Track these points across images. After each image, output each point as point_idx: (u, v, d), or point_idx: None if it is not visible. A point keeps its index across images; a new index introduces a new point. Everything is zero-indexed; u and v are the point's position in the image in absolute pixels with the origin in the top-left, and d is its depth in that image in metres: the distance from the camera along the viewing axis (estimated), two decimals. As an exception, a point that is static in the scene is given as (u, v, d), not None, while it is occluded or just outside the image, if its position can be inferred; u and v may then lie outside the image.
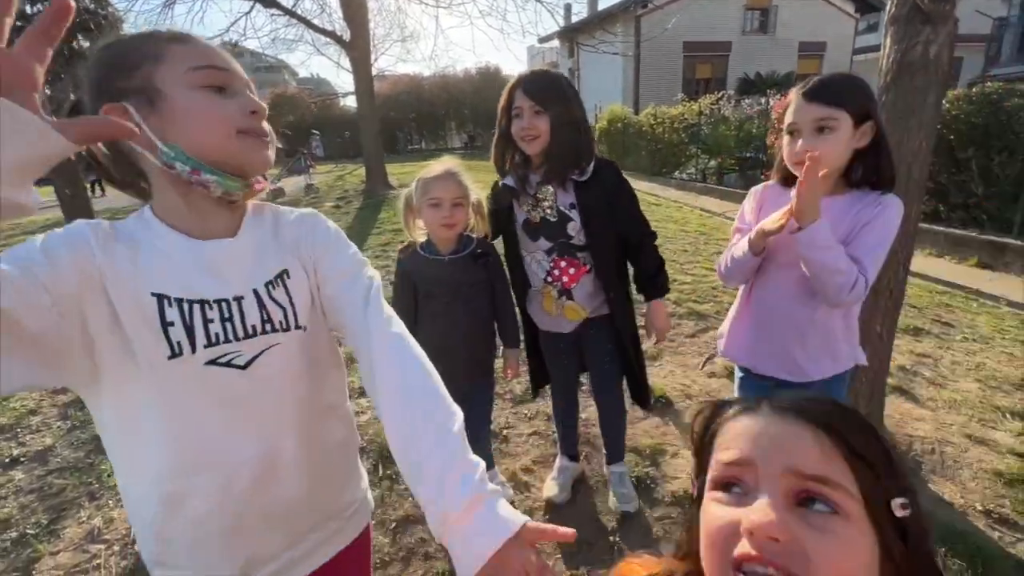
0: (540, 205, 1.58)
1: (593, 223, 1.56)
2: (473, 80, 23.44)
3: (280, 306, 0.74)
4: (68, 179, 4.12)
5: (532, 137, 1.48)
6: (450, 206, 1.54)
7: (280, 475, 0.75)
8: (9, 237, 7.86)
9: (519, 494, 2.00)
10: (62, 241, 0.61)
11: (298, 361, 0.76)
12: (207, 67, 0.66)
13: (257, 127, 0.69)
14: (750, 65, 16.37)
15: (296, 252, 0.78)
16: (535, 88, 1.47)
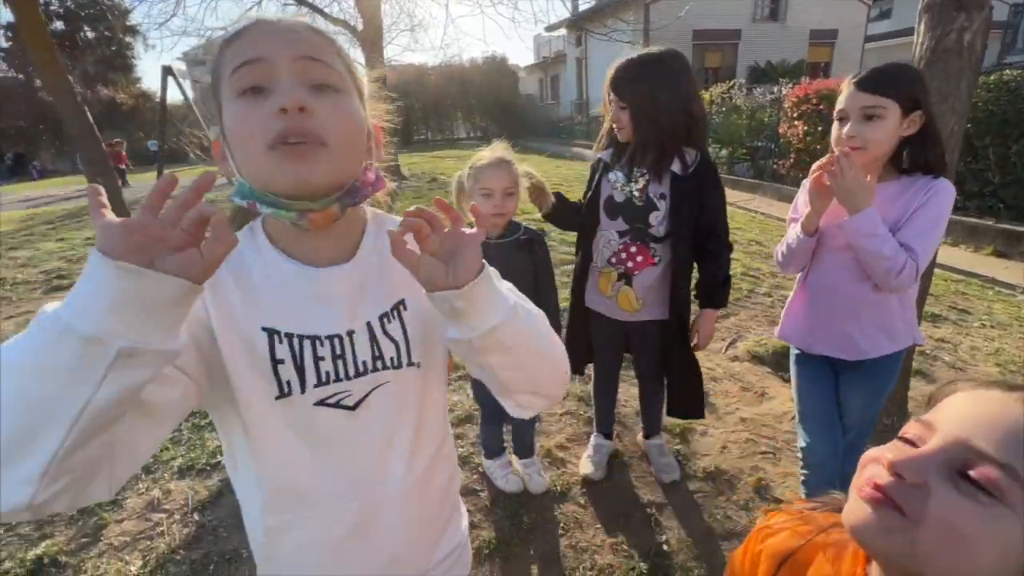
0: (630, 185, 1.60)
1: (677, 220, 1.57)
2: (480, 69, 23.33)
3: (393, 341, 0.66)
4: (99, 170, 4.19)
5: (619, 128, 1.56)
6: (501, 196, 1.56)
7: (381, 522, 0.69)
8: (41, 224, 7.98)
9: (556, 470, 2.09)
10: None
11: (407, 400, 0.69)
12: (243, 65, 0.54)
13: (293, 130, 0.53)
14: (760, 53, 16.22)
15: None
16: (616, 80, 1.51)
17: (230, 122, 0.56)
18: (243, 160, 0.56)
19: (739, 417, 2.41)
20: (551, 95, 26.10)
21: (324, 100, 0.56)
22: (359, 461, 0.67)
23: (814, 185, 1.29)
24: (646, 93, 1.46)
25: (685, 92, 1.49)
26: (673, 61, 1.49)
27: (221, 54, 0.57)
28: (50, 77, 4.03)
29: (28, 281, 4.92)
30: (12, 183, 17.59)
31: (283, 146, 0.53)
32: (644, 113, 1.48)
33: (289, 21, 0.58)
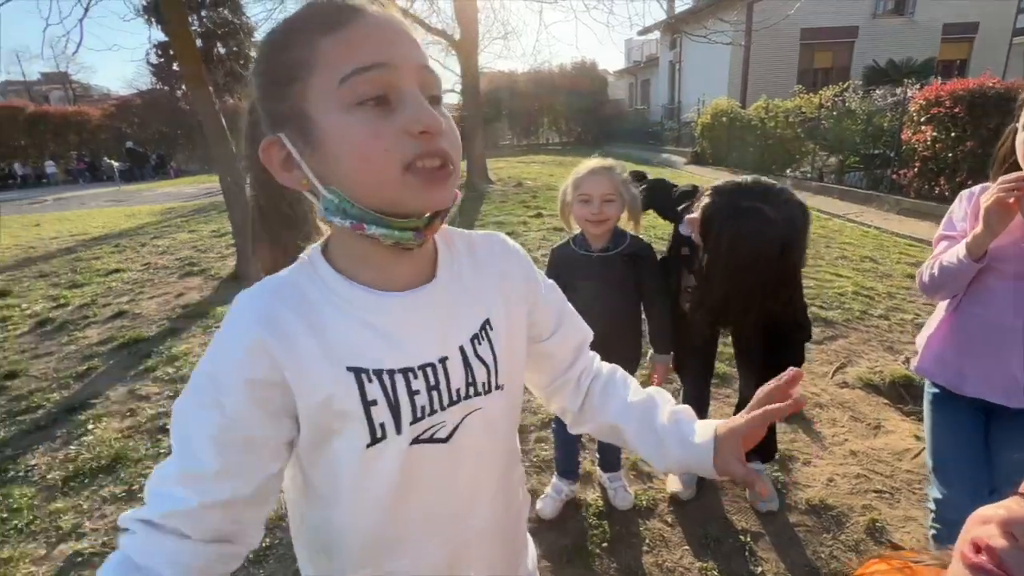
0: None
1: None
2: (568, 75, 23.32)
3: (484, 365, 0.61)
4: (228, 170, 4.70)
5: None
6: (600, 202, 1.52)
7: (469, 562, 0.65)
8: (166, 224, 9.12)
9: (641, 484, 2.03)
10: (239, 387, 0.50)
11: (496, 426, 0.64)
12: (358, 71, 0.46)
13: (430, 151, 0.49)
14: (880, 52, 14.74)
15: (504, 293, 0.64)
16: None
17: (340, 131, 0.47)
18: (360, 176, 0.49)
19: (849, 450, 2.19)
20: (641, 100, 25.50)
21: (445, 118, 0.51)
22: (451, 498, 0.61)
23: (996, 204, 1.07)
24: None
25: None
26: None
27: (310, 43, 0.47)
28: (195, 89, 4.57)
29: (167, 267, 5.63)
30: (156, 180, 20.27)
31: (425, 172, 0.49)
32: None
33: (396, 16, 0.51)
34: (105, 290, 4.88)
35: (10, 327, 4.06)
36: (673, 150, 16.15)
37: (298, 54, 0.48)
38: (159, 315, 4.12)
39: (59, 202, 14.11)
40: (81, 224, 9.26)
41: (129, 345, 3.54)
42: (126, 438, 2.46)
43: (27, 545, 1.86)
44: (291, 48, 0.48)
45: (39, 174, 22.11)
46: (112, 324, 3.99)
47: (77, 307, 4.42)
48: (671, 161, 14.57)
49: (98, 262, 6.00)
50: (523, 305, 0.66)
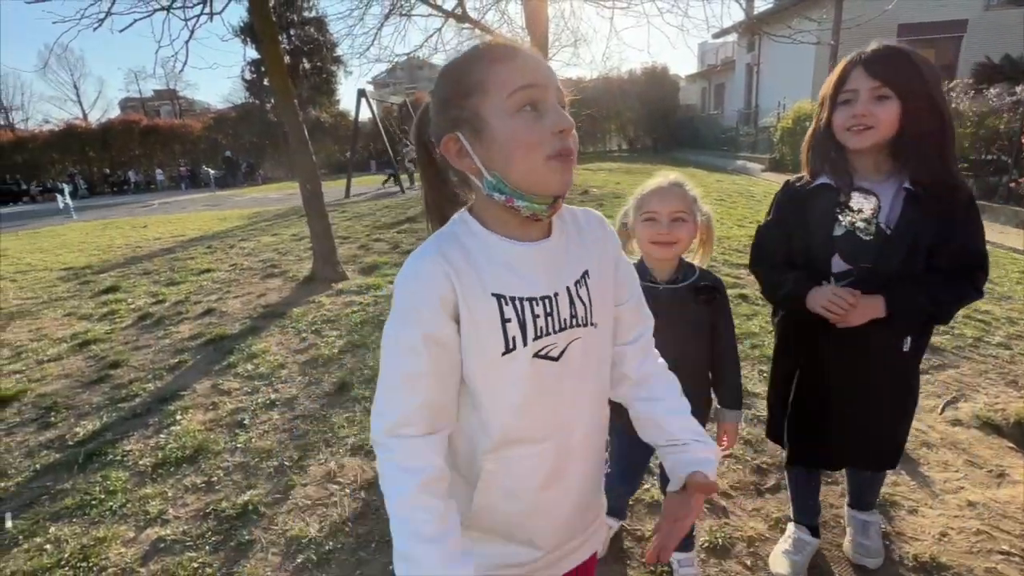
0: (848, 214, 1.31)
1: (915, 252, 1.28)
2: (638, 80, 22.86)
3: (583, 303, 0.78)
4: (308, 177, 4.94)
5: (863, 128, 1.22)
6: (668, 221, 1.32)
7: (570, 469, 0.81)
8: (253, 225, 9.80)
9: (717, 518, 1.86)
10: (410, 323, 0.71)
11: (592, 355, 0.81)
12: (522, 88, 0.67)
13: (566, 147, 0.70)
14: (994, 47, 13.22)
15: (598, 254, 0.83)
16: (881, 64, 1.19)
17: (508, 130, 0.68)
18: (517, 164, 0.69)
19: (966, 500, 1.91)
20: (714, 105, 24.51)
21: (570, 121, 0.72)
22: (560, 408, 0.78)
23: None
24: (922, 82, 1.19)
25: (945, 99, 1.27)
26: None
27: (486, 70, 0.69)
28: (282, 102, 4.86)
29: (251, 268, 6.02)
30: (246, 186, 21.98)
31: (560, 160, 0.69)
32: (919, 107, 1.19)
33: (538, 53, 0.72)
34: (197, 288, 5.29)
35: (117, 319, 4.49)
36: (749, 156, 15.34)
37: (476, 76, 0.69)
38: (242, 314, 4.39)
39: (164, 206, 15.62)
40: (180, 226, 10.17)
41: (215, 341, 3.79)
42: (208, 431, 2.61)
43: (119, 527, 2.00)
44: (471, 73, 0.69)
45: (149, 180, 24.67)
46: (201, 321, 4.30)
47: (173, 303, 4.82)
48: (747, 168, 13.84)
49: (192, 262, 6.54)
50: (611, 267, 0.85)
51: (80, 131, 25.22)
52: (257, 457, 2.37)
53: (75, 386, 3.24)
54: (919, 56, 1.20)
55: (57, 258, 7.55)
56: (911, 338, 1.36)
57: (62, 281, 6.06)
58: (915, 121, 1.19)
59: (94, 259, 7.26)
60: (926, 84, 1.18)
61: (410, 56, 11.70)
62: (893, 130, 1.20)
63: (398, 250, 6.35)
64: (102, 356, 3.67)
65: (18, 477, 2.34)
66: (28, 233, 11.11)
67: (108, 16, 4.81)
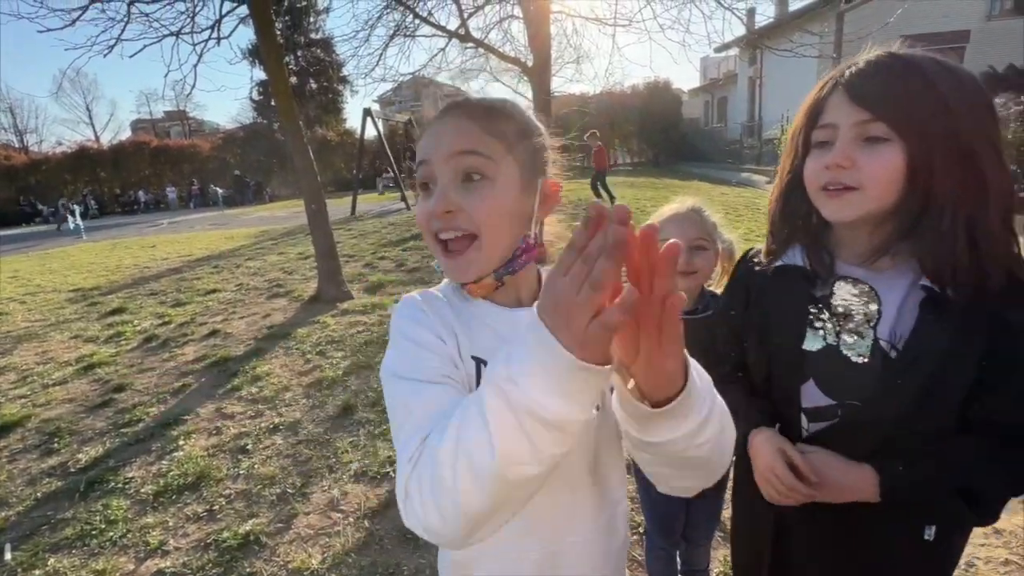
0: (833, 319, 0.81)
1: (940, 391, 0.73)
2: (641, 95, 23.03)
3: None
4: (314, 197, 4.97)
5: (842, 188, 0.74)
6: (688, 250, 1.27)
7: (566, 572, 0.69)
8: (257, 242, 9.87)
9: (731, 548, 1.79)
10: (415, 324, 0.66)
11: (589, 442, 0.69)
12: (417, 165, 0.66)
13: (438, 230, 0.64)
14: (998, 56, 13.23)
15: None
16: (873, 83, 0.72)
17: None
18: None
19: (991, 527, 1.84)
20: (717, 118, 24.62)
21: (473, 194, 0.63)
22: (550, 503, 0.66)
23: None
24: (943, 112, 0.69)
25: (991, 136, 0.72)
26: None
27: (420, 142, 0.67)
28: (287, 123, 4.92)
29: (257, 288, 6.04)
30: (254, 204, 22.22)
31: (440, 242, 0.65)
32: (936, 151, 0.69)
33: (459, 108, 0.66)
34: (203, 309, 5.30)
35: (123, 342, 4.49)
36: (754, 169, 15.34)
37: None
38: (247, 335, 4.39)
39: (172, 225, 15.80)
40: (188, 246, 10.26)
41: (219, 364, 3.77)
42: (211, 456, 2.58)
43: (119, 558, 1.96)
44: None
45: (158, 199, 25.01)
46: (206, 342, 4.29)
47: (178, 325, 4.82)
48: (752, 180, 13.83)
49: (199, 282, 6.57)
50: None
51: (92, 152, 25.68)
52: (259, 484, 2.33)
53: (79, 411, 3.23)
54: (943, 65, 0.71)
55: (66, 279, 7.61)
56: (936, 526, 0.80)
57: (70, 303, 6.09)
58: (932, 177, 0.70)
59: (102, 280, 7.32)
60: (950, 114, 0.68)
61: (415, 75, 11.88)
62: (893, 192, 0.72)
63: (403, 268, 6.35)
64: (107, 379, 3.66)
65: (19, 506, 2.32)
66: (39, 254, 11.25)
67: (118, 42, 4.91)
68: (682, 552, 1.59)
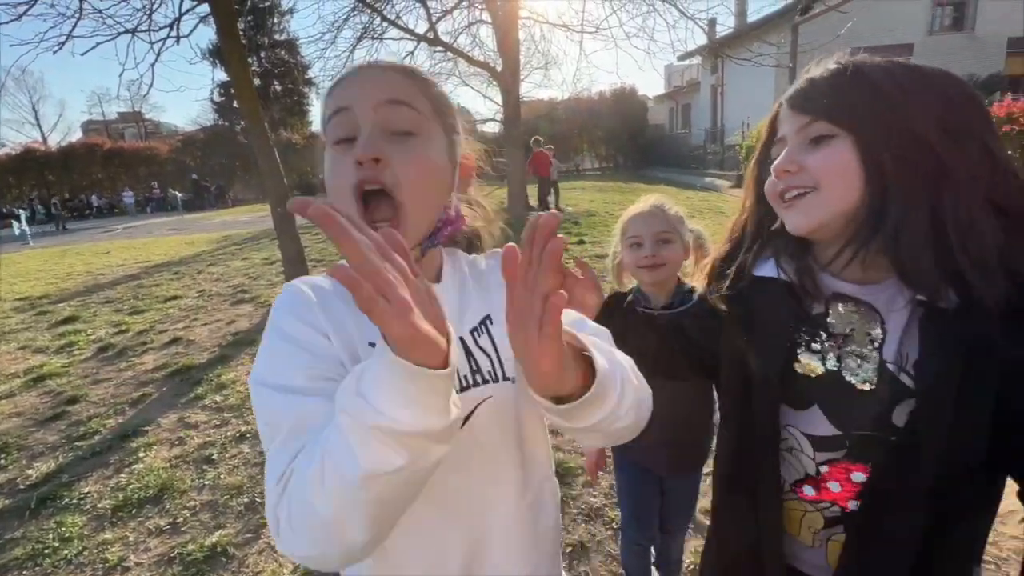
0: (833, 343, 0.73)
1: (941, 415, 0.62)
2: (608, 101, 23.44)
3: (486, 354, 0.65)
4: (279, 201, 4.87)
5: (796, 193, 0.69)
6: (653, 243, 1.29)
7: (491, 557, 0.65)
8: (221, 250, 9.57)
9: (703, 537, 1.85)
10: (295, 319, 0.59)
11: (510, 420, 0.66)
12: (331, 115, 0.59)
13: (363, 180, 0.57)
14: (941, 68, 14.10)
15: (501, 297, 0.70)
16: (814, 89, 0.69)
17: (326, 172, 0.60)
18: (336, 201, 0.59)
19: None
20: (681, 124, 25.28)
21: (403, 148, 0.58)
22: (469, 487, 0.64)
23: None
24: (900, 115, 0.64)
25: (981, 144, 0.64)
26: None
27: (324, 102, 0.60)
28: (252, 126, 4.81)
29: (220, 294, 5.85)
30: (216, 209, 21.52)
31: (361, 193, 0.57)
32: (897, 158, 0.63)
33: (381, 64, 0.62)
34: (163, 316, 5.10)
35: (76, 352, 4.28)
36: (717, 174, 15.81)
37: (323, 110, 0.61)
38: (210, 342, 4.25)
39: (128, 230, 15.14)
40: (145, 252, 9.85)
41: (181, 372, 3.64)
42: (173, 468, 2.49)
43: (75, 577, 1.87)
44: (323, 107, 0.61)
45: (112, 204, 23.91)
46: (167, 351, 4.14)
47: (136, 333, 4.63)
48: (715, 185, 14.25)
49: (158, 289, 6.32)
50: None
51: (39, 155, 24.38)
52: (226, 494, 2.26)
53: (28, 424, 3.06)
54: (886, 62, 0.68)
55: (11, 288, 7.20)
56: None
57: (16, 312, 5.77)
58: (884, 169, 0.64)
59: (51, 288, 6.96)
60: (888, 101, 0.64)
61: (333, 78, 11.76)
62: (853, 188, 0.66)
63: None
64: (58, 391, 3.48)
65: (-38, 527, 2.18)
66: (-20, 262, 10.60)
67: (69, 39, 4.71)
68: (657, 544, 1.63)
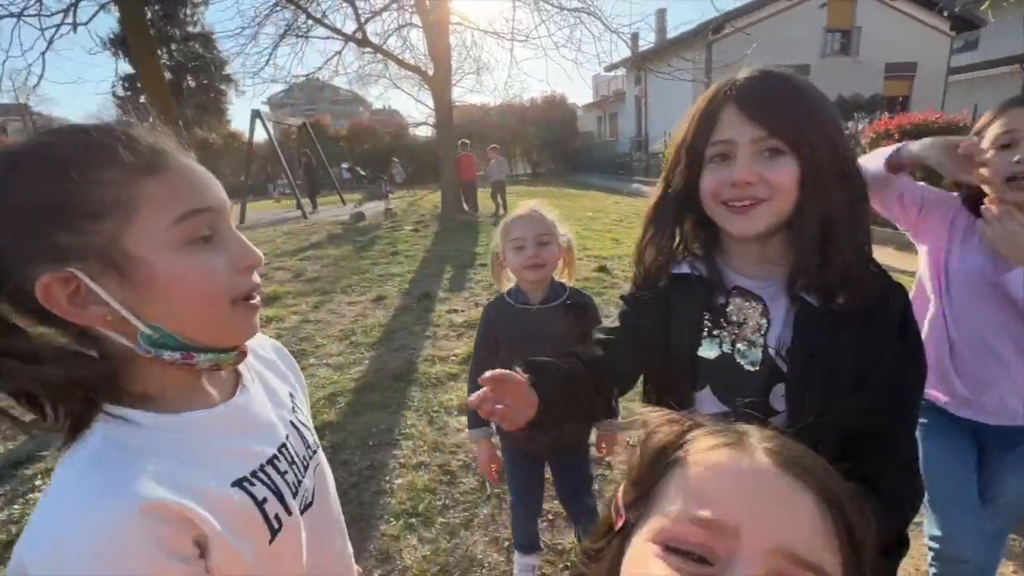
0: (728, 330, 0.84)
1: (805, 396, 0.75)
2: (539, 108, 23.98)
3: (306, 427, 0.70)
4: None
5: (751, 203, 0.75)
6: (534, 245, 1.40)
7: None
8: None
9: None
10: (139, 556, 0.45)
11: (329, 481, 0.73)
12: (193, 213, 0.50)
13: (254, 285, 0.56)
14: (831, 88, 15.64)
15: (293, 378, 0.75)
16: (769, 101, 0.74)
17: (176, 271, 0.49)
18: (192, 313, 0.51)
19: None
20: (609, 132, 26.34)
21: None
22: (324, 554, 0.69)
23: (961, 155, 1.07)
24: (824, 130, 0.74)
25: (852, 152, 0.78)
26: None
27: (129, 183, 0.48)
28: (164, 121, 4.50)
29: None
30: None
31: (245, 303, 0.55)
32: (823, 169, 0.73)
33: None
34: (59, 330, 4.62)
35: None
36: (643, 180, 16.63)
37: (114, 191, 0.47)
38: (118, 356, 3.91)
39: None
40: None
41: (84, 390, 3.32)
42: (78, 493, 2.28)
43: (-41, 622, 1.67)
44: (99, 181, 0.47)
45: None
46: (66, 367, 3.75)
47: (28, 349, 4.16)
48: (641, 191, 14.97)
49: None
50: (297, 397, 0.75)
51: None
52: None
53: None
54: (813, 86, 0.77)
55: None
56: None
57: None
58: (820, 188, 0.73)
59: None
60: (826, 130, 0.73)
61: (309, 78, 11.35)
62: (791, 202, 0.74)
63: (301, 279, 6.04)
64: (-70, 418, 3.06)
65: None
66: None
67: (-63, 21, 4.18)
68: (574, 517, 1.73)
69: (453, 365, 3.46)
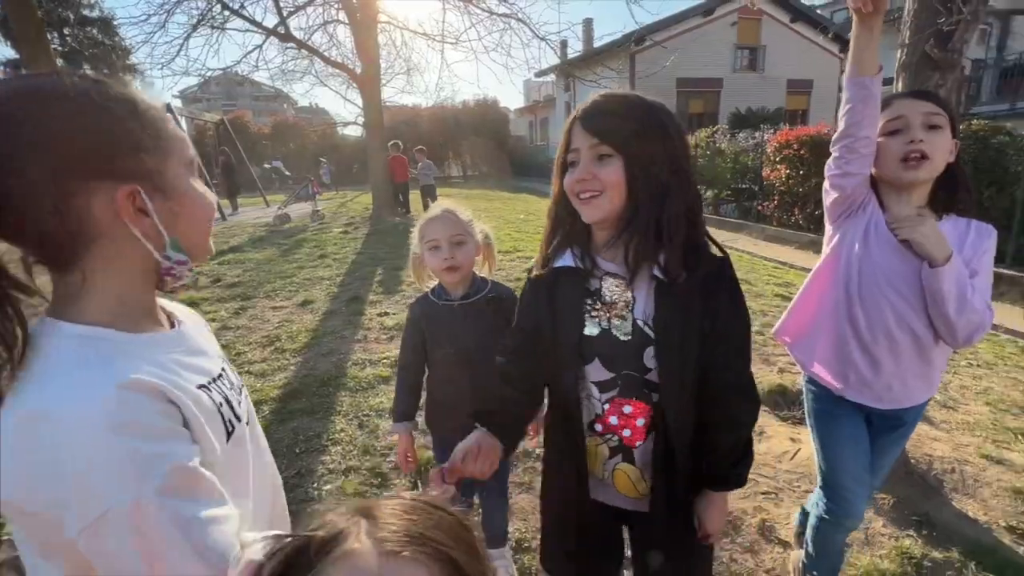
0: (603, 308, 1.02)
1: (670, 353, 0.97)
2: (472, 111, 24.03)
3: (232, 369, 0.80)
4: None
5: (591, 195, 0.96)
6: (449, 246, 1.43)
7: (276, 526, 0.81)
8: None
9: (533, 555, 1.87)
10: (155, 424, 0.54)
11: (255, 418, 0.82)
12: (192, 158, 0.69)
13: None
14: (741, 101, 17.00)
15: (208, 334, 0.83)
16: (600, 117, 0.95)
17: (200, 197, 0.67)
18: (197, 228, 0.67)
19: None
20: (540, 136, 26.86)
21: None
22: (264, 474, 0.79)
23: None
24: (651, 136, 0.94)
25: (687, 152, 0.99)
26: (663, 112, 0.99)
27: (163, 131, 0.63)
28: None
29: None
30: None
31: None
32: (646, 166, 0.93)
33: None
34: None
35: None
36: (573, 184, 17.11)
37: (152, 133, 0.61)
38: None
39: None
40: None
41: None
42: None
43: None
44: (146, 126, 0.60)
45: None
46: None
47: None
48: (572, 194, 15.41)
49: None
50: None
51: None
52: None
53: None
54: (644, 102, 0.96)
55: None
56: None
57: None
58: (650, 185, 0.93)
59: None
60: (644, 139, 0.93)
61: (226, 71, 10.69)
62: (621, 196, 0.94)
63: (220, 284, 5.68)
64: None
65: None
66: None
67: None
68: (481, 518, 1.78)
69: (384, 368, 3.42)
